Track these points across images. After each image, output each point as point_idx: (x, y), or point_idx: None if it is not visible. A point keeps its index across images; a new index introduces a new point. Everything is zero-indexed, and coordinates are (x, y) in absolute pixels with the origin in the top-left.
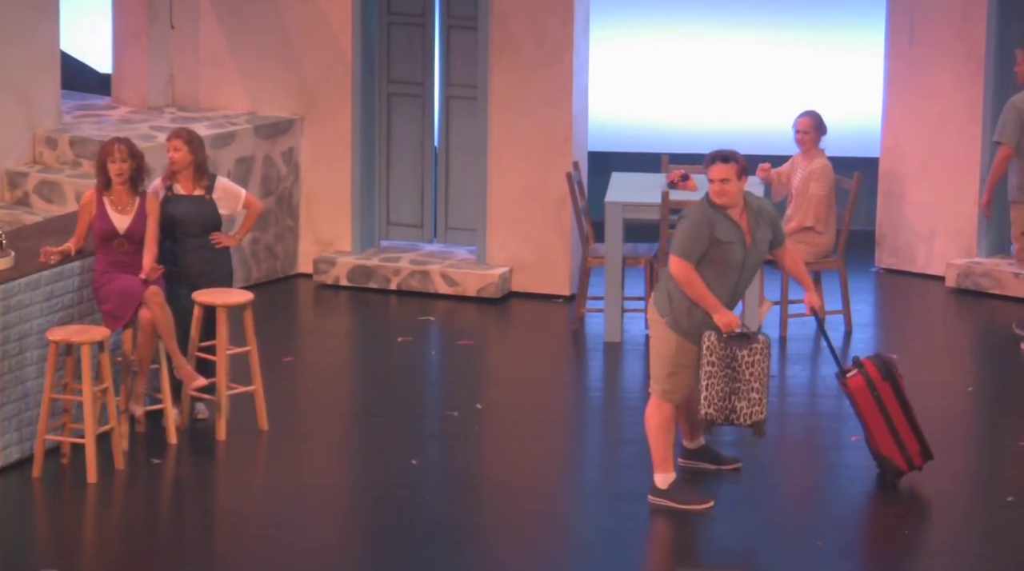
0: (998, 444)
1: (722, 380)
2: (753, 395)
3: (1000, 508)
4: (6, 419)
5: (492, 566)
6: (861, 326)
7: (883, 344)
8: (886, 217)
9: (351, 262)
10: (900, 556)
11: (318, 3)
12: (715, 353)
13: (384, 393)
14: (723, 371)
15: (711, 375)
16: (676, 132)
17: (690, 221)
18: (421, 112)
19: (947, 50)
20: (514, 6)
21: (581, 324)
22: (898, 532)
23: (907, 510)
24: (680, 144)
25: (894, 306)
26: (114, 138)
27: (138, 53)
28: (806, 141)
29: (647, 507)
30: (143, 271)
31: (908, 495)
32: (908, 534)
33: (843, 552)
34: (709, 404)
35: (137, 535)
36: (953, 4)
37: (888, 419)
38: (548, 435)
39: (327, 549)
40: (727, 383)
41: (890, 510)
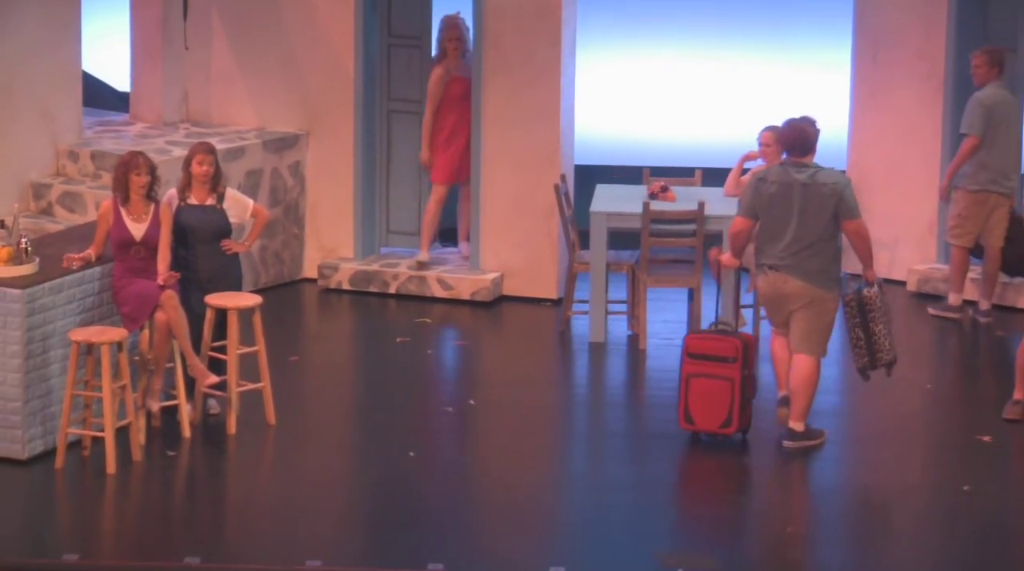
0: (956, 437)
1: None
2: (894, 333)
3: (958, 497)
4: (31, 414)
5: (484, 552)
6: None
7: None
8: None
9: (353, 268)
10: (865, 542)
11: (322, 26)
12: (880, 302)
13: (384, 390)
14: (886, 316)
15: (886, 324)
16: (656, 147)
17: (852, 188)
18: (419, 128)
19: (909, 69)
20: (506, 29)
21: (568, 326)
22: (863, 519)
23: (871, 499)
24: (660, 158)
25: None
26: (131, 152)
27: (154, 73)
28: (768, 153)
29: (630, 497)
30: (159, 277)
31: (872, 486)
32: (873, 521)
33: (810, 538)
34: (890, 350)
35: (153, 522)
36: (914, 26)
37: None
38: (537, 429)
39: (330, 535)
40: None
41: (855, 499)
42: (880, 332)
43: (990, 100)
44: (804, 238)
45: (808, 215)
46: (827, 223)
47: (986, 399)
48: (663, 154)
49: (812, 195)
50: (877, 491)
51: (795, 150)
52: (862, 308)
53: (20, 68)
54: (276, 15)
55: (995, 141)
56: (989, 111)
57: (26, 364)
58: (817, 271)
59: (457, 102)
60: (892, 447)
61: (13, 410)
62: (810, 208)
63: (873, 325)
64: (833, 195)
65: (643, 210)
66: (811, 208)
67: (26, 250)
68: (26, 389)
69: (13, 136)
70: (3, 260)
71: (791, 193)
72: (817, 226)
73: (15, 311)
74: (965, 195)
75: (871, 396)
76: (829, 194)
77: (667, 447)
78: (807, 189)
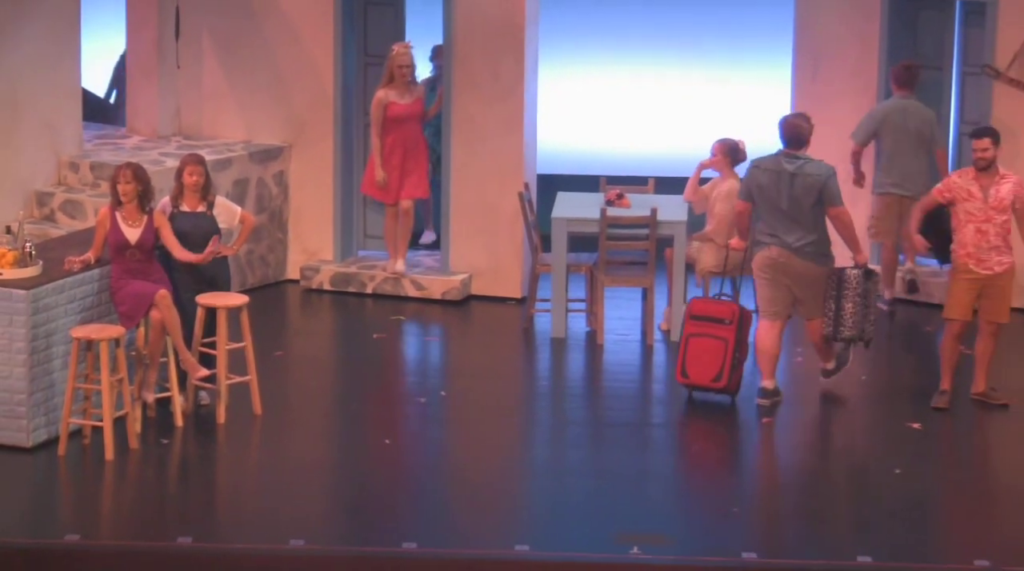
0: (889, 424)
1: (861, 306)
2: (871, 316)
3: (890, 479)
4: (35, 405)
5: (454, 532)
6: None
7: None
8: None
9: (333, 269)
10: (806, 520)
11: (304, 47)
12: (856, 284)
13: (362, 382)
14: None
15: (859, 305)
16: (612, 157)
17: (836, 179)
18: None
19: (845, 85)
20: (474, 49)
21: (531, 323)
22: (803, 501)
23: (812, 481)
24: (615, 168)
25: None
26: (124, 163)
27: (149, 89)
28: (717, 163)
29: (589, 481)
30: (205, 253)
31: (813, 468)
32: (812, 503)
33: (754, 520)
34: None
35: (148, 505)
36: (850, 46)
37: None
38: (503, 418)
39: (312, 516)
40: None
41: (796, 481)
42: (848, 310)
43: (881, 112)
44: (795, 220)
45: (796, 201)
46: (813, 208)
47: (915, 389)
48: (618, 164)
49: (799, 184)
50: (817, 473)
51: (790, 143)
52: (840, 284)
53: (24, 84)
54: (262, 36)
55: (896, 148)
56: (878, 121)
57: (31, 359)
58: (810, 250)
59: (394, 125)
60: (830, 433)
61: (19, 401)
62: (798, 195)
63: (844, 301)
64: (817, 184)
65: (600, 216)
66: (799, 195)
67: (30, 254)
68: (31, 382)
69: (18, 148)
70: (9, 263)
71: (780, 181)
72: (804, 210)
73: (20, 310)
74: (876, 199)
75: (812, 386)
76: (814, 183)
77: (623, 435)
78: (795, 178)
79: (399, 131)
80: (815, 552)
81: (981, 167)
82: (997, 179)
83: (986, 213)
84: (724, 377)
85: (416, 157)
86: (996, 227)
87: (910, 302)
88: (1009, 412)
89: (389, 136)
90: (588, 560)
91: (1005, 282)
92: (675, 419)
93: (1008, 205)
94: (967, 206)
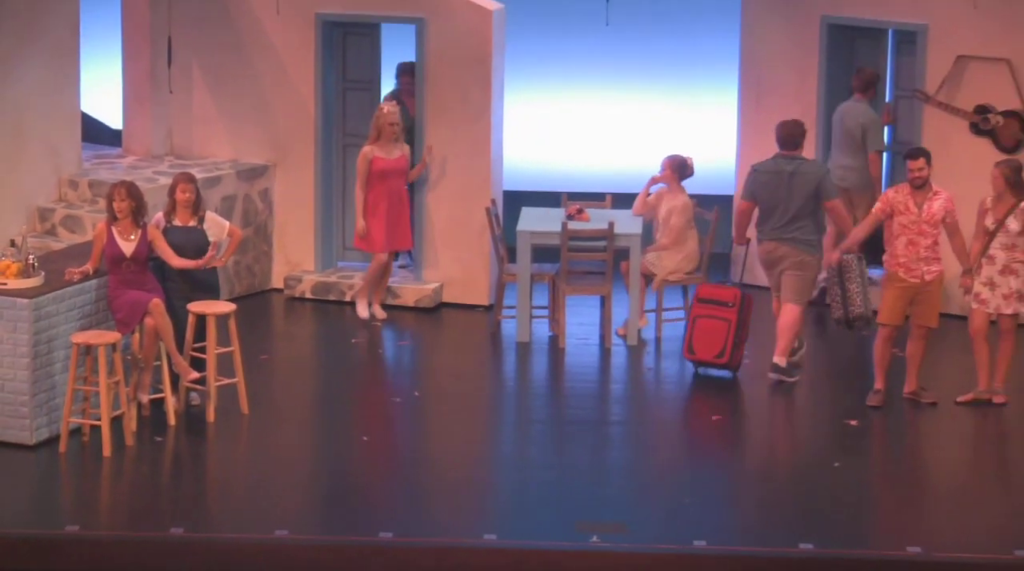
0: (828, 422)
1: (861, 287)
2: (869, 297)
3: (830, 472)
4: (38, 406)
5: (427, 522)
6: None
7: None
8: None
9: (314, 279)
10: (752, 509)
11: (288, 73)
12: (855, 267)
13: (341, 383)
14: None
15: (860, 285)
16: (573, 175)
17: (829, 176)
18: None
19: (787, 108)
20: (444, 77)
21: (498, 328)
22: (749, 493)
23: (757, 475)
24: (576, 184)
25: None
26: (119, 181)
27: (143, 113)
28: (667, 177)
29: (552, 474)
30: (202, 261)
31: (758, 462)
32: (758, 494)
33: (704, 511)
34: (860, 306)
35: (143, 498)
36: (791, 73)
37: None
38: (472, 416)
39: (295, 508)
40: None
41: (744, 474)
42: (854, 290)
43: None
44: (791, 215)
45: (794, 197)
46: (808, 202)
47: (853, 389)
48: (578, 181)
49: (797, 182)
50: (762, 467)
51: (785, 145)
52: (840, 270)
53: (28, 109)
54: (248, 64)
55: (834, 143)
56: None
57: (33, 363)
58: (802, 239)
59: (379, 180)
60: (775, 430)
61: (22, 402)
62: (795, 192)
63: (848, 284)
64: (814, 181)
65: (562, 229)
66: (796, 192)
67: (33, 265)
68: (33, 384)
69: (22, 167)
70: (13, 274)
71: (780, 181)
72: (801, 206)
73: (24, 317)
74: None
75: (759, 389)
76: (810, 180)
77: (583, 431)
78: (793, 177)
79: (384, 185)
80: (761, 540)
81: (917, 186)
82: (930, 196)
83: (919, 226)
84: (727, 354)
85: (401, 211)
86: (927, 239)
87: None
88: (938, 410)
89: (374, 190)
90: (551, 548)
91: (934, 289)
92: (632, 417)
93: (939, 219)
94: (901, 219)
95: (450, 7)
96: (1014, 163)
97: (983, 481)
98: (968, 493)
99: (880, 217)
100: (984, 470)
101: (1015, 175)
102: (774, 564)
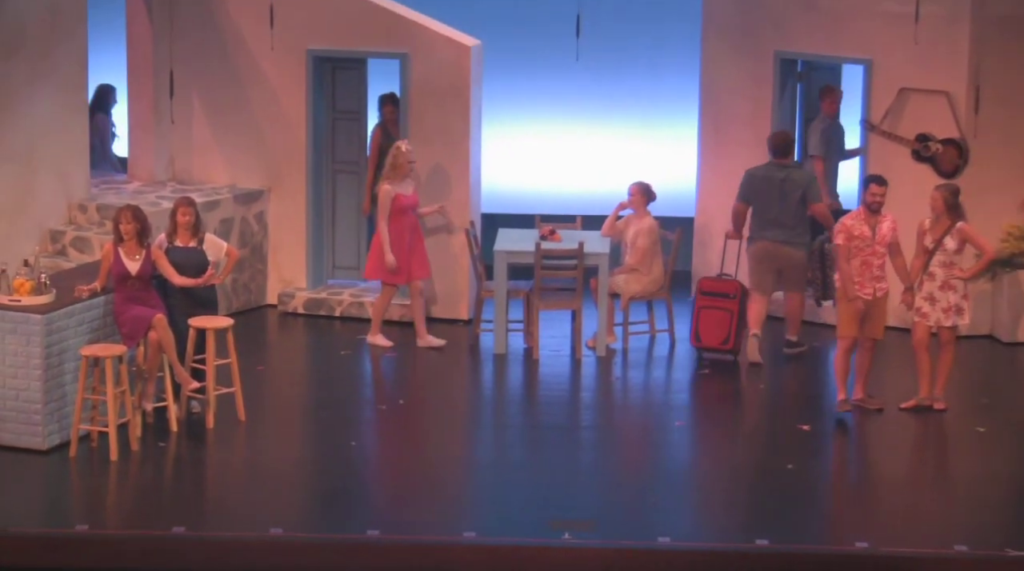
0: (783, 426)
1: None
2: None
3: (784, 473)
4: (49, 413)
5: (411, 520)
6: (683, 340)
7: (698, 354)
8: (700, 260)
9: (306, 295)
10: (712, 510)
11: (281, 104)
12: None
13: (331, 392)
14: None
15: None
16: (546, 198)
17: (816, 182)
18: (358, 185)
19: (742, 139)
20: (426, 107)
21: (477, 340)
22: (710, 492)
23: (717, 476)
24: (549, 207)
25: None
26: (125, 205)
27: (147, 141)
28: (635, 202)
29: (527, 475)
30: (202, 279)
31: (718, 464)
32: (718, 494)
33: (668, 509)
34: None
35: (147, 498)
36: (745, 106)
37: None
38: (452, 422)
39: (289, 508)
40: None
41: (705, 475)
42: (832, 276)
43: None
44: (783, 216)
45: (785, 201)
46: (798, 205)
47: (805, 396)
48: (551, 204)
49: (788, 187)
50: (722, 468)
51: (777, 154)
52: (823, 257)
53: (40, 140)
54: (244, 96)
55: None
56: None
57: (45, 374)
58: (794, 240)
59: (400, 214)
60: (734, 434)
61: (35, 411)
62: (786, 196)
63: (828, 270)
64: (802, 186)
65: (535, 249)
66: (787, 196)
67: (45, 283)
68: (45, 394)
69: (35, 192)
70: (27, 291)
71: (772, 185)
72: (791, 208)
73: (36, 332)
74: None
75: (714, 394)
76: (799, 186)
77: (556, 436)
78: (784, 182)
79: (404, 219)
80: (720, 536)
81: (874, 209)
82: (880, 219)
83: (872, 248)
84: (731, 341)
85: (418, 241)
86: (879, 259)
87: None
88: (883, 415)
89: (395, 223)
90: (526, 544)
91: (882, 305)
92: (601, 423)
93: (889, 241)
94: (857, 242)
95: (431, 43)
96: (953, 187)
97: (925, 481)
98: (912, 492)
99: (850, 248)
100: (926, 471)
101: (953, 198)
102: (732, 559)
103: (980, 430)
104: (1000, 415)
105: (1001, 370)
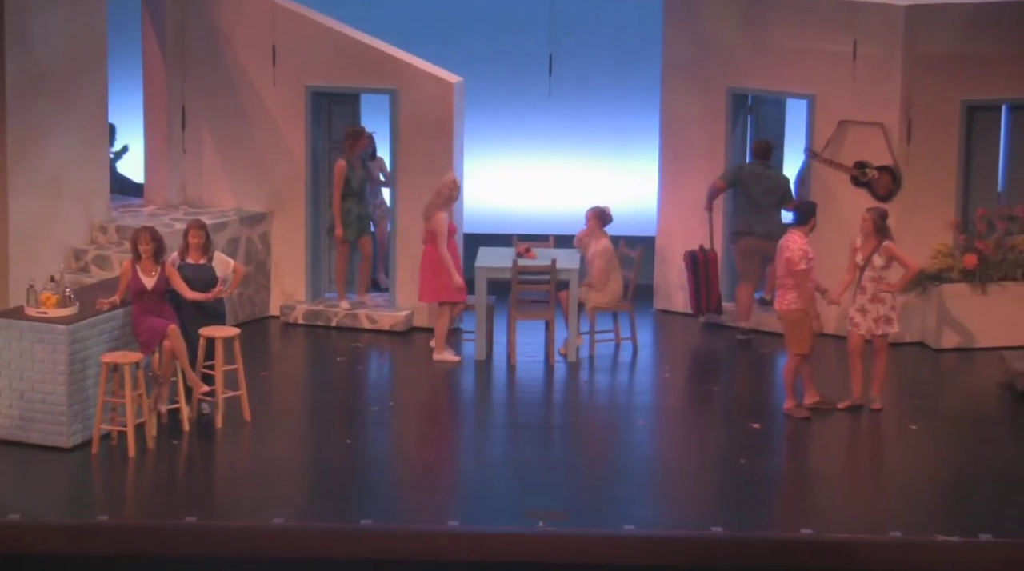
0: (735, 426)
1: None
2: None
3: (736, 467)
4: (74, 415)
5: (400, 510)
6: (645, 347)
7: (659, 360)
8: (660, 275)
9: (306, 308)
10: (671, 501)
11: (283, 135)
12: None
13: (328, 395)
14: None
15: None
16: (522, 219)
17: (790, 184)
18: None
19: (699, 166)
20: (413, 137)
21: (460, 348)
22: (669, 486)
23: (676, 470)
24: (524, 227)
25: (666, 335)
26: (142, 226)
27: (161, 169)
28: (590, 226)
29: (506, 469)
30: (211, 293)
31: (677, 460)
32: (676, 487)
33: (632, 500)
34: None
35: (162, 491)
36: (702, 137)
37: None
38: (439, 421)
39: (291, 499)
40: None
41: (665, 470)
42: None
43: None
44: (763, 212)
45: (765, 196)
46: (776, 203)
47: (755, 397)
48: (527, 224)
49: (768, 184)
50: (680, 463)
51: (759, 156)
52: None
53: (65, 168)
54: (249, 127)
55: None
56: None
57: (69, 379)
58: (773, 232)
59: (450, 238)
60: (690, 432)
61: (60, 412)
62: (766, 192)
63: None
64: (781, 187)
65: (512, 265)
66: (767, 192)
67: (70, 297)
68: (70, 397)
69: (60, 215)
70: (53, 304)
71: (755, 181)
72: (770, 204)
73: (61, 341)
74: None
75: (673, 394)
76: (777, 186)
77: (531, 434)
78: (765, 181)
79: (452, 243)
80: (679, 524)
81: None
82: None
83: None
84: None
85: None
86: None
87: (750, 330)
88: (823, 414)
89: (451, 245)
90: (505, 532)
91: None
92: (571, 422)
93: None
94: (812, 263)
95: (418, 80)
96: (882, 210)
97: (863, 473)
98: (851, 483)
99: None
100: (864, 464)
101: (881, 221)
102: (690, 544)
103: (912, 428)
104: (930, 414)
105: (931, 374)
